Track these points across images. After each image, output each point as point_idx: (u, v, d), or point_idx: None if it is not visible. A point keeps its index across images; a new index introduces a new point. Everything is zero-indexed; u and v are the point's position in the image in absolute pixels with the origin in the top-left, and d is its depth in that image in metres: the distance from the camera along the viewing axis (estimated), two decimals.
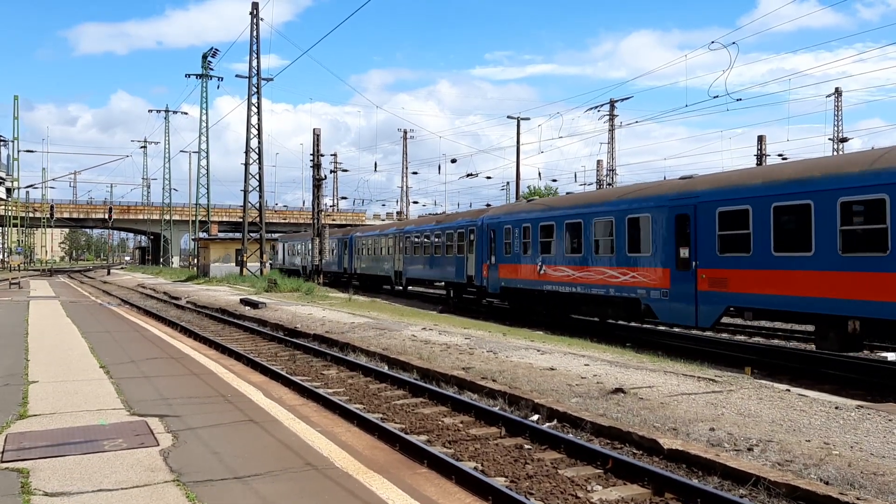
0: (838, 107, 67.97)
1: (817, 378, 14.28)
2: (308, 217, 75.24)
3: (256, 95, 47.65)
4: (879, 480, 6.57)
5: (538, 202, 25.54)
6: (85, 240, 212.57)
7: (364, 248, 46.03)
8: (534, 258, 23.01)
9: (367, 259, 45.22)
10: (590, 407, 9.85)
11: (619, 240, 18.91)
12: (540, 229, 22.81)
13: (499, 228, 25.93)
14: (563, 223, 21.61)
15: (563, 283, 21.45)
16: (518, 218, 24.76)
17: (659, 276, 17.39)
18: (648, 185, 19.83)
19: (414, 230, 37.34)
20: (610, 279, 19.19)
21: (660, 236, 17.45)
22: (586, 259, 20.34)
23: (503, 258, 25.43)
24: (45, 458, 6.87)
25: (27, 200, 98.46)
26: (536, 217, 23.36)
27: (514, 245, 24.61)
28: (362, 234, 47.24)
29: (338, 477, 6.44)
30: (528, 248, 23.59)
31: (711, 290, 15.84)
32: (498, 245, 25.86)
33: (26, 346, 15.43)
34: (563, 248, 21.52)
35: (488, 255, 26.70)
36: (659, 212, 17.57)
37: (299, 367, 14.99)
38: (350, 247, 48.59)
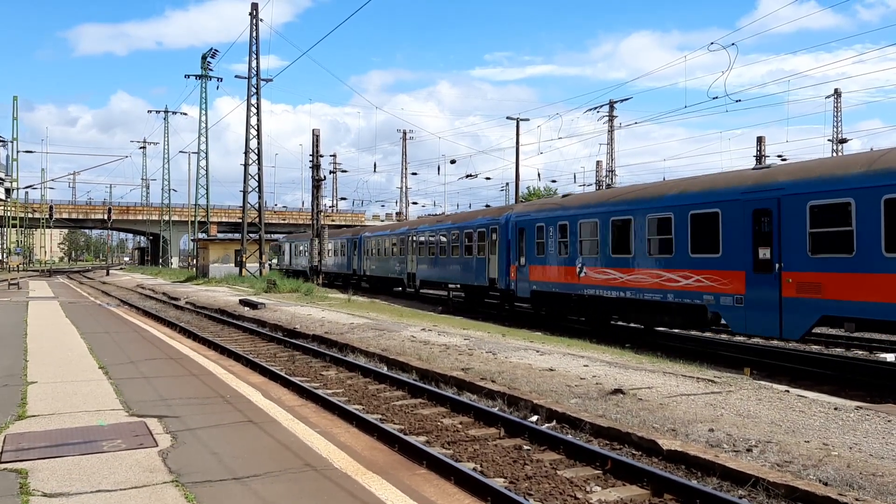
0: (837, 108, 68.02)
1: (816, 379, 14.29)
2: (307, 218, 75.27)
3: (256, 96, 47.64)
4: (878, 481, 6.57)
5: (575, 198, 23.34)
6: (84, 240, 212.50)
7: (373, 248, 44.14)
8: (572, 259, 21.15)
9: (377, 260, 43.41)
10: (589, 408, 9.85)
11: (680, 239, 16.87)
12: (580, 227, 20.85)
13: (529, 227, 23.90)
14: (608, 220, 19.58)
15: (607, 286, 19.55)
16: (553, 215, 22.66)
17: (731, 279, 15.40)
18: (715, 177, 17.76)
19: (427, 229, 35.25)
20: (667, 283, 17.21)
21: (732, 234, 15.44)
22: (637, 260, 18.38)
23: (534, 259, 23.48)
24: (44, 458, 6.87)
25: (26, 201, 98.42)
26: (575, 214, 21.28)
27: (548, 245, 22.62)
28: (371, 234, 45.37)
29: (337, 478, 6.44)
30: (565, 248, 21.65)
31: (800, 296, 13.86)
32: (528, 245, 23.85)
33: (25, 346, 15.42)
34: (608, 247, 19.53)
35: (517, 255, 24.73)
36: (731, 207, 15.51)
37: (298, 368, 14.99)
38: (359, 247, 46.76)
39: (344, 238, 50.62)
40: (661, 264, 17.49)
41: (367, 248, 45.08)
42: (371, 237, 44.98)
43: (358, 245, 46.83)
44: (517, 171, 48.95)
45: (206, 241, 59.76)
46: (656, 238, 17.81)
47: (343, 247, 50.50)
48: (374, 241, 43.99)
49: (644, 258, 18.14)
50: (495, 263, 26.83)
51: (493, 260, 27.14)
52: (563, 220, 21.90)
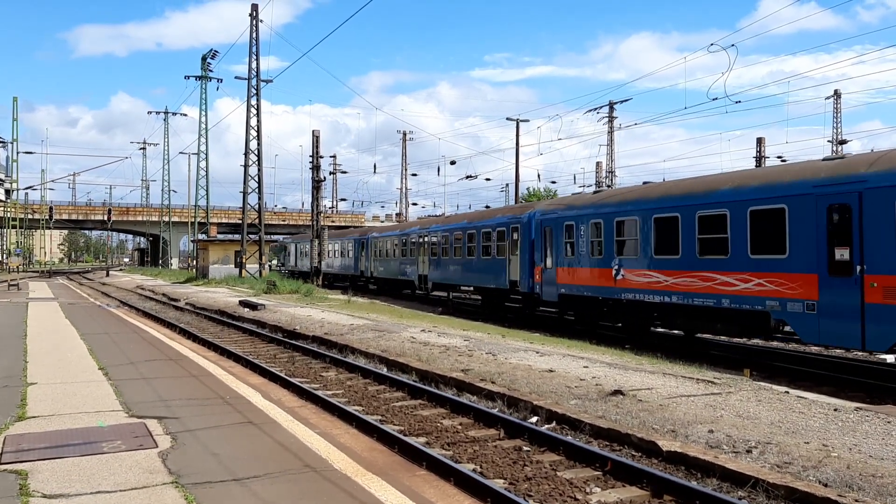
0: (837, 109, 68.07)
1: (816, 380, 14.30)
2: (307, 219, 75.29)
3: (256, 97, 47.65)
4: (878, 482, 6.57)
5: (608, 193, 21.45)
6: (84, 241, 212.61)
7: (381, 249, 42.62)
8: (608, 260, 19.47)
9: (385, 261, 41.87)
10: (589, 409, 9.85)
11: (737, 238, 15.32)
12: (616, 226, 19.23)
13: (557, 225, 22.23)
14: (650, 218, 17.94)
15: (649, 290, 17.94)
16: (585, 213, 20.92)
17: (800, 283, 13.86)
18: (778, 169, 16.26)
19: (441, 229, 33.46)
20: (722, 287, 15.66)
21: (802, 233, 13.91)
22: (685, 262, 16.76)
23: (563, 260, 21.78)
24: (44, 459, 6.87)
25: (26, 202, 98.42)
26: (612, 211, 19.56)
27: (578, 245, 20.89)
28: (379, 235, 43.94)
29: (336, 479, 6.44)
30: (598, 248, 19.94)
31: (888, 302, 12.35)
32: (556, 245, 22.19)
33: (25, 347, 15.42)
34: (650, 248, 17.94)
35: (542, 256, 23.13)
36: (801, 202, 13.97)
37: (298, 369, 14.99)
38: (366, 248, 45.40)
39: (351, 239, 49.27)
40: (715, 266, 15.95)
41: (375, 248, 43.76)
42: (379, 237, 43.52)
43: (365, 246, 45.61)
44: (517, 172, 48.97)
45: (205, 242, 59.76)
46: (708, 237, 16.18)
47: (350, 248, 49.17)
48: (383, 241, 42.61)
49: (693, 259, 16.57)
50: (517, 265, 25.33)
51: (514, 261, 25.62)
52: (596, 219, 20.24)
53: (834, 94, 67.36)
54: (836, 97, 67.56)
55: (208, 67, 70.45)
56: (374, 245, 44.03)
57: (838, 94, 67.53)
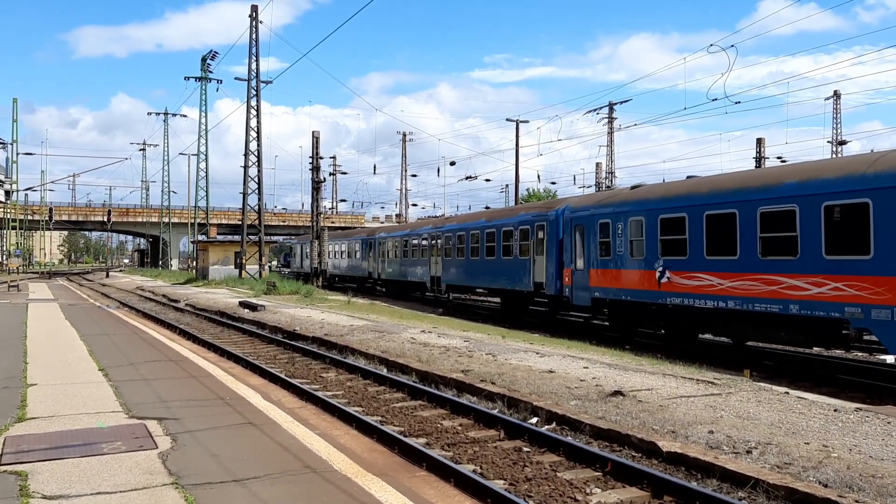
0: (837, 109, 68.08)
1: (816, 380, 14.29)
2: (307, 219, 75.28)
3: (256, 98, 47.66)
4: (878, 483, 6.57)
5: (651, 189, 19.75)
6: (84, 242, 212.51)
7: (391, 249, 40.70)
8: (650, 261, 17.89)
9: (395, 262, 39.94)
10: (589, 409, 9.85)
11: (809, 237, 13.78)
12: (661, 224, 17.56)
13: (590, 223, 20.61)
14: (702, 215, 16.35)
15: (700, 294, 16.34)
16: (623, 210, 19.33)
17: (889, 287, 12.40)
18: (858, 160, 14.52)
19: (456, 228, 31.72)
20: (789, 291, 14.11)
21: (889, 230, 12.40)
22: (745, 263, 15.18)
23: (597, 261, 20.15)
24: (44, 460, 6.87)
25: (26, 203, 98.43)
26: (655, 208, 17.95)
27: (615, 245, 19.31)
28: (389, 235, 42.07)
29: (337, 480, 6.44)
30: (639, 248, 18.37)
31: None
32: (589, 245, 20.56)
33: (25, 348, 15.42)
34: (701, 248, 16.37)
35: (572, 257, 21.46)
36: (887, 195, 12.42)
37: (298, 370, 14.99)
38: (374, 248, 43.61)
39: (358, 239, 47.67)
40: (780, 268, 14.38)
41: (384, 249, 41.98)
42: (388, 238, 41.80)
43: (373, 246, 43.92)
44: (517, 173, 48.98)
45: (205, 242, 59.78)
46: (772, 236, 14.63)
47: (357, 248, 47.46)
48: (392, 242, 40.74)
49: (754, 260, 14.99)
50: (542, 266, 23.65)
51: (539, 262, 23.92)
52: (636, 216, 18.59)
53: (833, 94, 67.39)
54: (836, 98, 67.57)
55: (208, 68, 70.54)
56: (382, 245, 42.52)
57: (838, 94, 67.55)
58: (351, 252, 48.94)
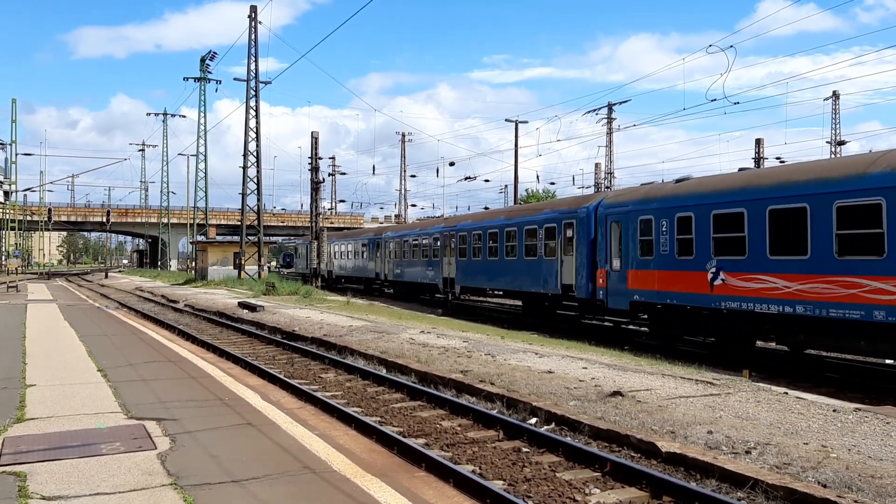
0: (836, 110, 68.12)
1: (815, 381, 14.29)
2: (306, 220, 75.24)
3: (255, 98, 47.65)
4: (877, 483, 6.58)
5: (697, 183, 18.08)
6: (83, 243, 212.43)
7: (400, 249, 39.01)
8: (700, 262, 16.31)
9: (405, 263, 38.22)
10: (588, 410, 9.85)
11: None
12: (714, 220, 16.01)
13: (628, 220, 18.98)
14: (764, 210, 14.84)
15: (761, 298, 14.91)
16: (668, 205, 17.70)
17: None
18: None
19: (472, 227, 30.03)
20: (872, 295, 12.68)
21: None
22: (817, 263, 13.75)
23: (637, 261, 18.61)
24: (43, 461, 6.87)
25: (25, 203, 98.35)
26: (707, 203, 16.35)
27: (658, 243, 17.72)
28: (397, 234, 40.40)
29: (336, 480, 6.44)
30: (687, 247, 16.78)
31: None
32: (627, 243, 18.97)
33: (24, 349, 15.41)
34: (763, 247, 14.89)
35: (607, 256, 19.85)
36: None
37: (297, 371, 14.99)
38: (381, 248, 41.99)
39: (365, 238, 45.90)
40: (862, 269, 12.93)
41: (392, 249, 40.22)
42: (396, 237, 40.09)
43: (381, 246, 42.27)
44: (516, 174, 49.00)
45: (204, 243, 59.72)
46: (852, 233, 13.16)
47: (363, 248, 45.72)
48: (401, 241, 38.97)
49: (828, 261, 13.58)
50: (572, 266, 22.01)
51: (567, 262, 22.31)
52: (684, 211, 16.99)
53: (832, 95, 67.42)
54: (835, 98, 67.61)
55: (207, 69, 70.41)
56: (390, 245, 40.86)
57: (837, 95, 67.57)
58: (357, 252, 47.54)
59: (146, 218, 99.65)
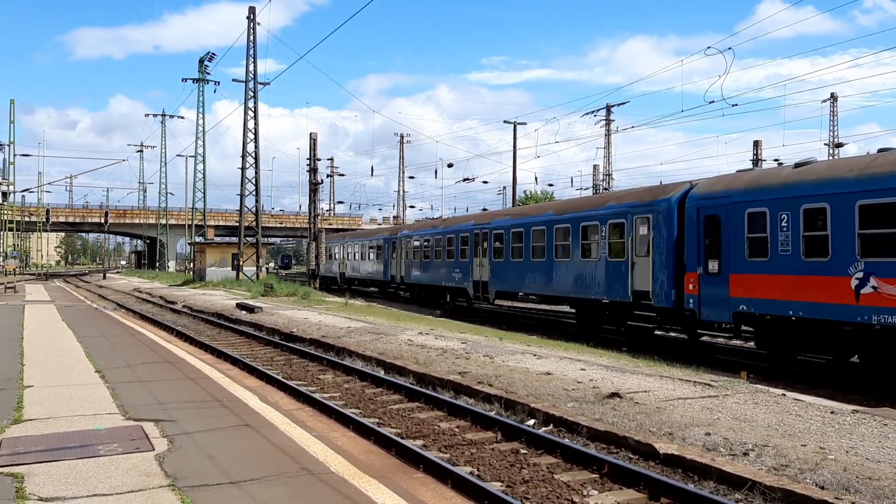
0: (834, 112, 68.22)
1: (813, 383, 14.29)
2: (304, 221, 75.23)
3: (253, 100, 47.65)
4: (875, 485, 6.58)
5: (830, 166, 15.02)
6: (81, 244, 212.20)
7: (419, 250, 35.72)
8: (838, 264, 13.32)
9: (426, 265, 34.94)
10: (586, 411, 9.85)
11: None
12: (859, 212, 13.01)
13: (731, 214, 15.82)
14: None
15: None
16: (788, 194, 14.64)
17: None
18: None
19: (510, 224, 26.38)
20: None
21: None
22: None
23: (744, 263, 15.41)
24: (41, 462, 6.86)
25: (23, 204, 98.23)
26: (848, 191, 13.26)
27: (776, 241, 14.62)
28: (415, 233, 37.08)
29: (334, 482, 6.44)
30: (819, 246, 13.78)
31: None
32: (728, 242, 15.77)
33: (22, 350, 15.39)
34: None
35: (700, 257, 16.57)
36: None
37: (295, 372, 14.98)
38: (398, 249, 38.84)
39: (379, 238, 42.74)
40: None
41: (409, 249, 36.98)
42: (414, 236, 36.74)
43: (397, 246, 39.12)
44: (514, 175, 49.06)
45: (203, 244, 59.74)
46: None
47: (377, 249, 42.61)
48: (423, 240, 35.42)
49: None
50: (647, 269, 18.69)
51: (641, 264, 18.99)
52: (813, 202, 14.01)
53: (830, 97, 67.50)
54: (833, 100, 67.69)
55: (205, 70, 70.49)
56: (407, 245, 37.46)
57: (835, 97, 67.64)
58: (370, 253, 44.22)
59: (144, 219, 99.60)
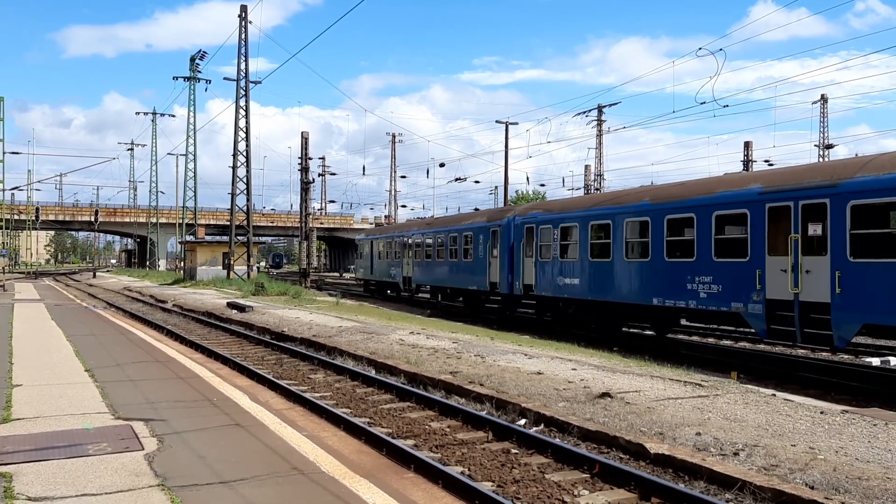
0: (824, 113, 68.52)
1: (803, 383, 14.36)
2: (296, 220, 75.11)
3: (245, 98, 47.48)
4: (864, 485, 6.61)
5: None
6: (70, 242, 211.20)
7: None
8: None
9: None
10: (577, 411, 9.86)
11: None
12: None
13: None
14: None
15: None
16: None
17: None
18: None
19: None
20: None
21: None
22: None
23: None
24: (29, 461, 6.81)
25: (12, 202, 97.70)
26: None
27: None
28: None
29: (324, 481, 6.42)
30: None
31: None
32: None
33: (10, 349, 15.30)
34: None
35: None
36: None
37: (286, 371, 14.94)
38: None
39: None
40: None
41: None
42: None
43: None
44: (506, 175, 49.05)
45: (193, 243, 59.47)
46: None
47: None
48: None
49: None
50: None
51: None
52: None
53: (821, 98, 67.80)
54: (823, 102, 67.99)
55: (196, 68, 70.16)
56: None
57: (825, 98, 67.95)
58: (450, 250, 31.32)
59: (135, 217, 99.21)
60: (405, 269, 35.93)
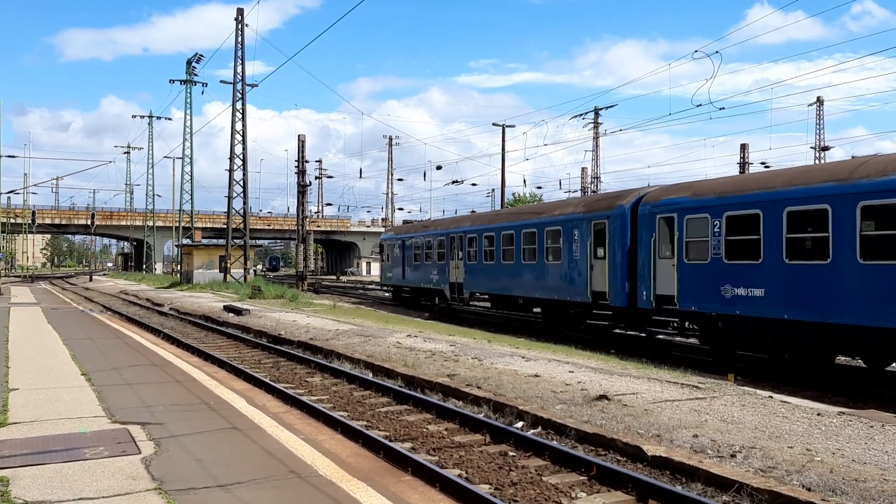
0: (820, 116, 68.69)
1: (799, 385, 14.37)
2: (293, 223, 75.05)
3: (241, 101, 47.48)
4: (861, 487, 6.62)
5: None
6: (67, 246, 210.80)
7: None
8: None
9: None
10: (574, 414, 9.86)
11: None
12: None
13: None
14: None
15: None
16: None
17: None
18: None
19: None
20: None
21: None
22: None
23: None
24: (26, 466, 6.80)
25: (8, 206, 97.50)
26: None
27: None
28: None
29: (321, 485, 6.42)
30: None
31: None
32: None
33: (7, 353, 15.27)
34: None
35: None
36: None
37: (283, 375, 14.92)
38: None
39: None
40: None
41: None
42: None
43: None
44: (503, 178, 49.11)
45: (190, 246, 59.37)
46: None
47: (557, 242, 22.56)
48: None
49: None
50: None
51: None
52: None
53: (817, 100, 67.95)
54: (819, 104, 68.16)
55: (193, 71, 70.11)
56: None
57: (821, 101, 68.12)
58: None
59: (131, 221, 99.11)
60: (453, 273, 29.50)
